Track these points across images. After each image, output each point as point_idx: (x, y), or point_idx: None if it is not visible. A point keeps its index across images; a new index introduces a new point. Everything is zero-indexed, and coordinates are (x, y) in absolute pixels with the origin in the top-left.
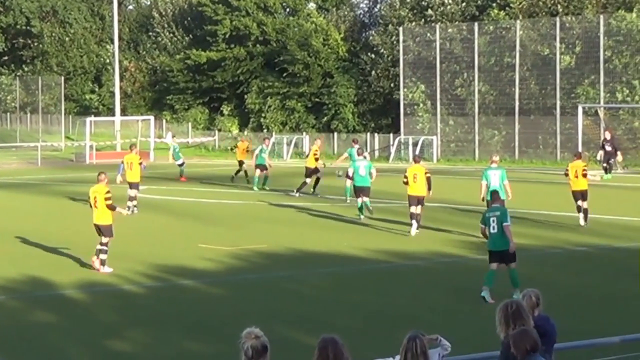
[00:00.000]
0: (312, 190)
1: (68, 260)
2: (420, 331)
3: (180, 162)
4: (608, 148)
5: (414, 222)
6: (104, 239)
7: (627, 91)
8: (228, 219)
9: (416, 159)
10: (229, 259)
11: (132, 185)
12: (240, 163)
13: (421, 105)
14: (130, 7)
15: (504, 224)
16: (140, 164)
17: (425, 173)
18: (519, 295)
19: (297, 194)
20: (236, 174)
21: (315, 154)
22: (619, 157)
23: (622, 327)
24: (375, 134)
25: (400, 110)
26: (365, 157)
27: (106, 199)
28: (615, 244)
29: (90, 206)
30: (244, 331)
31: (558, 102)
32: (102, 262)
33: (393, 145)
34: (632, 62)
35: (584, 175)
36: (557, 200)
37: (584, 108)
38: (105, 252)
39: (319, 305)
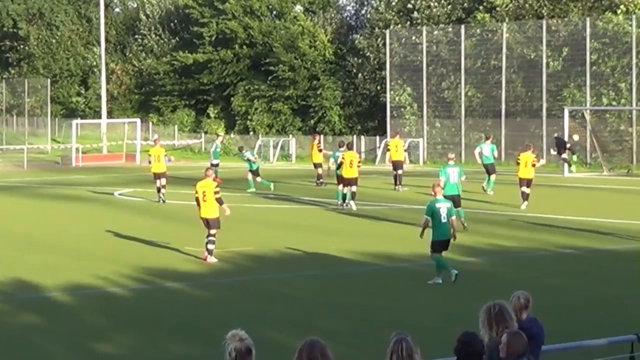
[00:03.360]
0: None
1: (54, 263)
2: (405, 333)
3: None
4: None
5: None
6: (212, 231)
7: (613, 94)
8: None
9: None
10: (215, 261)
11: (160, 176)
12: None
13: (408, 107)
14: (117, 9)
15: (452, 217)
16: (166, 156)
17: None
18: (440, 281)
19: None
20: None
21: (318, 146)
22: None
23: (609, 329)
24: (362, 137)
25: (386, 113)
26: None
27: (215, 192)
28: (602, 247)
29: (197, 202)
30: (229, 333)
31: (544, 105)
32: (210, 252)
33: (379, 147)
34: (619, 65)
35: (533, 165)
36: (543, 202)
37: (570, 111)
38: (213, 242)
39: (305, 308)
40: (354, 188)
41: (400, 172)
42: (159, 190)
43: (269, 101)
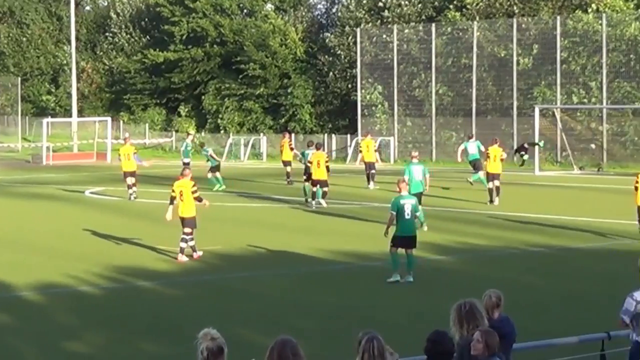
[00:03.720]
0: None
1: (24, 262)
2: (374, 331)
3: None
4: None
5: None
6: (187, 229)
7: (584, 92)
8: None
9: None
10: (185, 260)
11: (129, 174)
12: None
13: (379, 106)
14: (88, 7)
15: (416, 213)
16: (135, 154)
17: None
18: (412, 279)
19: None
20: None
21: (290, 145)
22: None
23: (580, 327)
24: (333, 135)
25: (357, 112)
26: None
27: (193, 192)
28: (572, 245)
29: (171, 200)
30: (201, 332)
31: (515, 103)
32: (182, 250)
33: (350, 146)
34: (589, 64)
35: (502, 160)
36: (514, 201)
37: (540, 109)
38: (186, 240)
39: (276, 307)
40: (325, 188)
41: (373, 171)
42: (129, 188)
43: (240, 100)
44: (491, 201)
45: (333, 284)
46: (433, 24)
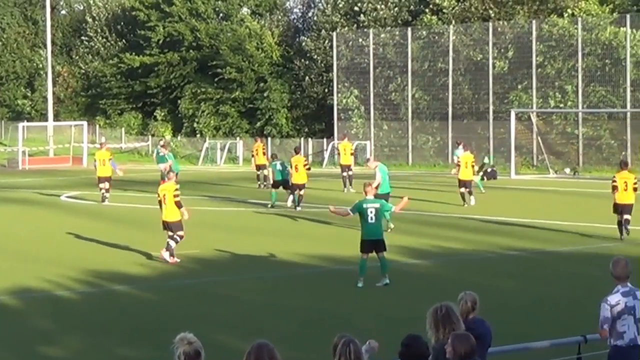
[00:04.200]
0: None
1: (0, 266)
2: (350, 335)
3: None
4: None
5: None
6: (179, 232)
7: (560, 96)
8: (159, 224)
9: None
10: (162, 264)
11: (104, 180)
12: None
13: (355, 110)
14: (63, 11)
15: (386, 213)
16: (111, 160)
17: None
18: (387, 280)
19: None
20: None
21: (264, 149)
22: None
23: (557, 331)
24: (309, 139)
25: (333, 116)
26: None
27: (175, 195)
28: (548, 249)
29: (159, 204)
30: (177, 336)
31: (491, 107)
32: (167, 249)
33: (327, 150)
34: (564, 68)
35: (472, 166)
36: (489, 204)
37: (516, 113)
38: (177, 241)
39: (252, 311)
40: (301, 191)
41: (350, 173)
42: (104, 190)
43: (216, 104)
44: (465, 203)
45: (309, 287)
46: (409, 28)
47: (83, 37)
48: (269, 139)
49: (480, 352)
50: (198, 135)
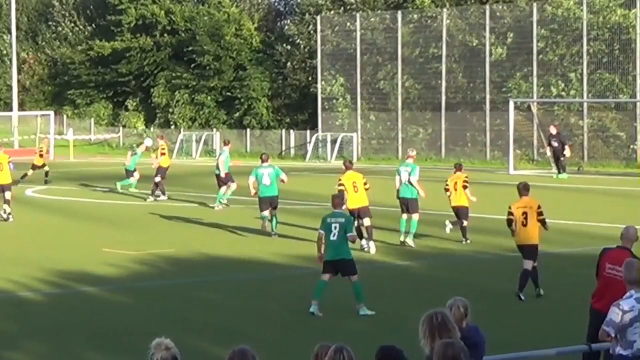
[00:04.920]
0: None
1: None
2: (326, 343)
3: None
4: (555, 144)
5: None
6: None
7: (563, 85)
8: (132, 221)
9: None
10: (134, 264)
11: (4, 188)
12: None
13: (340, 99)
14: None
15: (349, 233)
16: (9, 163)
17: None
18: (366, 311)
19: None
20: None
21: (162, 150)
22: (567, 152)
23: (558, 339)
24: (291, 131)
25: (317, 105)
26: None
27: None
28: (548, 250)
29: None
30: (154, 342)
31: (488, 97)
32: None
33: (310, 142)
34: (568, 53)
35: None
36: (485, 202)
37: (515, 103)
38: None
39: (231, 314)
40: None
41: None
42: (6, 202)
43: (192, 92)
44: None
45: (291, 290)
46: (399, 11)
47: (50, 22)
48: (248, 130)
49: None
50: (172, 127)
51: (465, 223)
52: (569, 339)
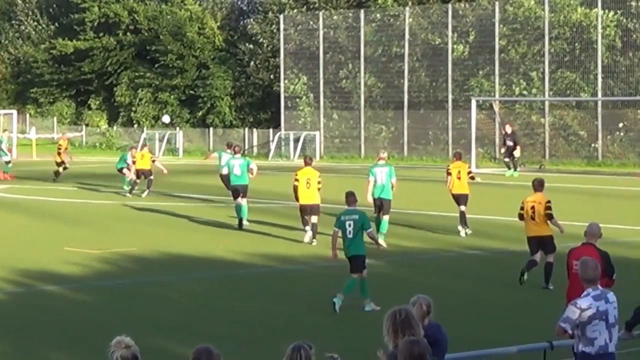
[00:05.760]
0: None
1: None
2: (305, 341)
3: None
4: (509, 143)
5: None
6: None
7: (524, 83)
8: (94, 220)
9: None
10: (96, 263)
11: None
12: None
13: (303, 98)
14: None
15: (367, 230)
16: None
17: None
18: (372, 306)
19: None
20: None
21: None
22: (517, 152)
23: (519, 336)
24: (254, 129)
25: (280, 104)
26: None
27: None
28: (508, 248)
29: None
30: (114, 340)
31: (450, 95)
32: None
33: (273, 141)
34: (530, 52)
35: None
36: (446, 200)
37: (477, 101)
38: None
39: (194, 313)
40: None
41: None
42: None
43: (155, 91)
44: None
45: (254, 288)
46: (362, 10)
47: (13, 21)
48: (211, 129)
49: (438, 359)
50: (135, 125)
51: (464, 208)
52: (534, 337)
